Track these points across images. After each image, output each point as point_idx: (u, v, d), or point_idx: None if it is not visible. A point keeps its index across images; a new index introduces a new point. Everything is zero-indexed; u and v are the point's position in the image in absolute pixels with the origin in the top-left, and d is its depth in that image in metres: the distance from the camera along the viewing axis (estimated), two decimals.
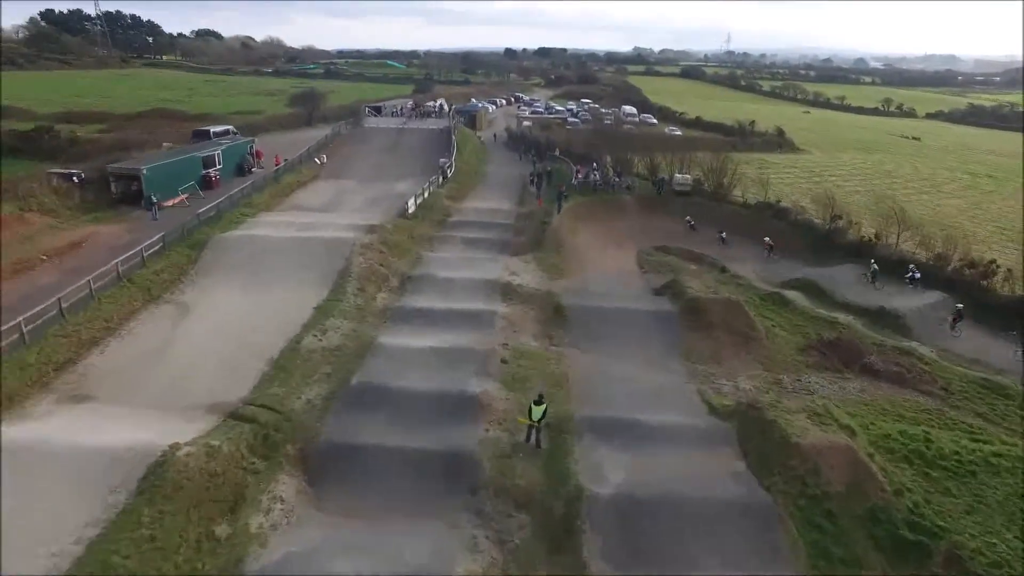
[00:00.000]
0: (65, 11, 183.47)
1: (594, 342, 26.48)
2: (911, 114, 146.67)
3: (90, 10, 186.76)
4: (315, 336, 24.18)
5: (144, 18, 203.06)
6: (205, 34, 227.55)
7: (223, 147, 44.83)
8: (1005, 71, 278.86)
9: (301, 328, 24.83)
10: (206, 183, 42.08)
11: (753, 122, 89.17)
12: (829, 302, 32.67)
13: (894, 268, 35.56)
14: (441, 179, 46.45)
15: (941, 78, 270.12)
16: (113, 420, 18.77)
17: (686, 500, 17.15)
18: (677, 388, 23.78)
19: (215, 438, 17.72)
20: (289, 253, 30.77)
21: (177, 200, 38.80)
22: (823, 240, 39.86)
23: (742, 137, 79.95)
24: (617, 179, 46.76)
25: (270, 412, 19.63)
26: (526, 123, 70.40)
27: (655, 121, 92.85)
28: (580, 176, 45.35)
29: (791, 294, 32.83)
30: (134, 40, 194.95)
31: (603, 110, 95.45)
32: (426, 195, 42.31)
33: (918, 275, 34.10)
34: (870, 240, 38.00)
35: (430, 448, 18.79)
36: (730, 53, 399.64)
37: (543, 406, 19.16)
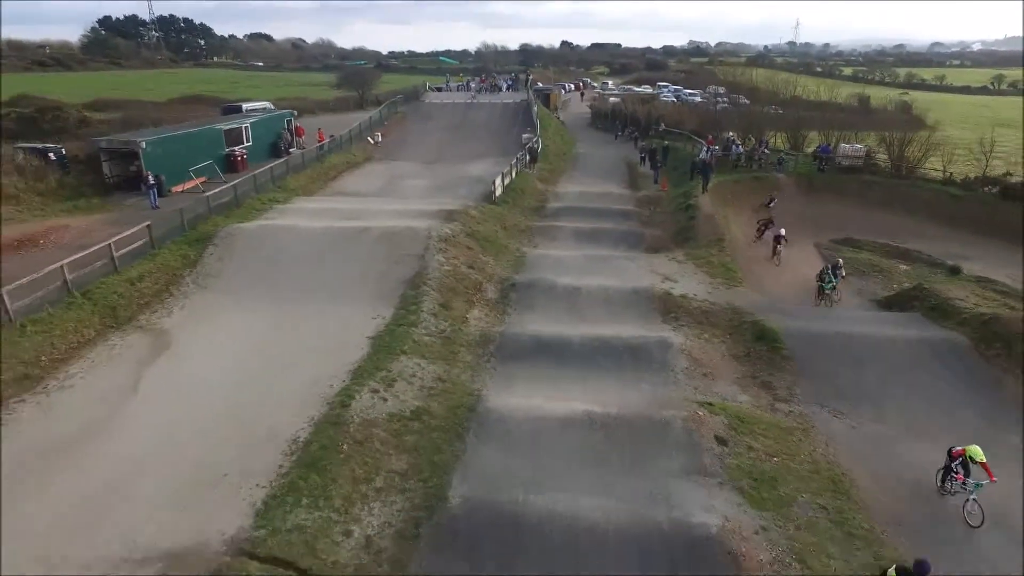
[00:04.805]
0: (121, 16, 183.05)
1: (848, 396, 15.28)
2: None
3: (145, 16, 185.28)
4: (375, 393, 13.73)
5: (197, 21, 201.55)
6: (257, 36, 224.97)
7: (253, 120, 35.27)
8: None
9: (350, 376, 14.45)
10: (230, 164, 32.53)
11: (869, 96, 75.96)
12: None
13: None
14: (528, 158, 35.86)
15: None
16: None
17: None
18: None
19: None
20: (332, 251, 20.60)
21: (190, 185, 29.30)
22: None
23: (864, 115, 66.76)
24: (766, 152, 35.05)
25: (288, 574, 9.30)
26: (613, 99, 59.23)
27: (747, 102, 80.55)
28: (715, 148, 33.95)
29: None
30: (187, 43, 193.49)
31: (687, 91, 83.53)
32: (513, 176, 31.82)
33: None
34: None
35: None
36: (792, 44, 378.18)
37: None
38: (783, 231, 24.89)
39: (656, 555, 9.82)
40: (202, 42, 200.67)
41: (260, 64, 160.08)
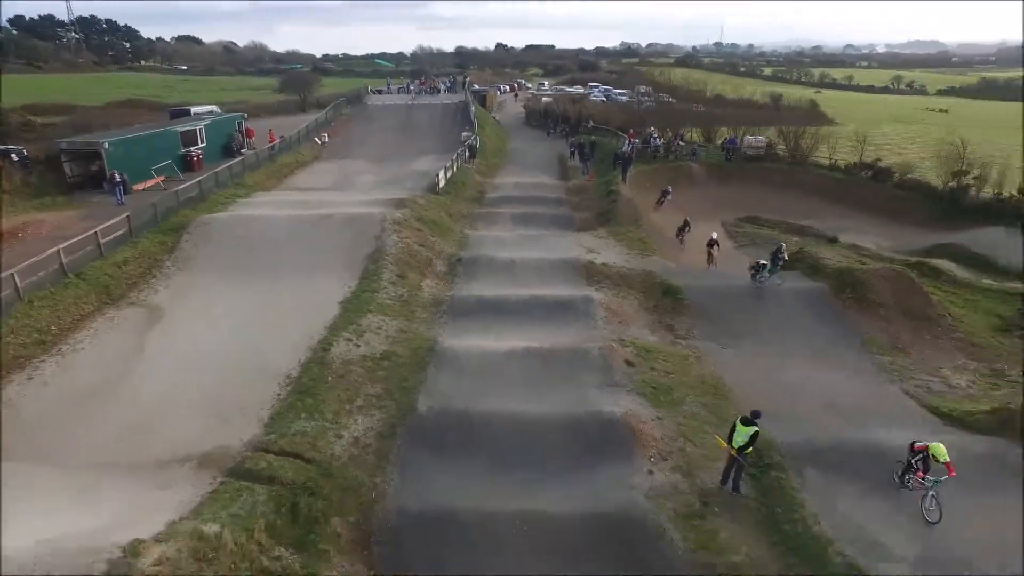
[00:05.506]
0: (36, 16, 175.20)
1: (734, 334, 19.13)
2: (922, 91, 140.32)
3: (63, 16, 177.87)
4: (349, 340, 16.65)
5: (120, 23, 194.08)
6: (185, 39, 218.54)
7: (206, 122, 37.12)
8: (999, 51, 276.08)
9: (327, 330, 17.30)
10: (187, 164, 34.31)
11: (781, 95, 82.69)
12: (995, 271, 25.53)
13: None
14: (468, 154, 38.98)
15: (935, 59, 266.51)
16: (35, 496, 11.18)
17: None
18: (878, 392, 16.55)
19: (209, 517, 10.24)
20: (298, 235, 23.22)
21: (151, 183, 31.10)
22: (944, 203, 32.64)
23: (776, 111, 72.98)
24: (681, 143, 39.41)
25: (297, 463, 12.17)
26: (545, 99, 63.03)
27: (673, 100, 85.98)
28: (635, 141, 38.01)
29: (941, 263, 25.72)
30: (111, 46, 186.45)
31: (616, 91, 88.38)
32: (454, 169, 34.86)
33: None
34: (1013, 196, 30.82)
35: (571, 511, 11.43)
36: (719, 45, 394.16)
37: (754, 428, 11.83)
38: (715, 235, 25.62)
39: (575, 434, 13.19)
40: (127, 44, 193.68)
41: (185, 68, 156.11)
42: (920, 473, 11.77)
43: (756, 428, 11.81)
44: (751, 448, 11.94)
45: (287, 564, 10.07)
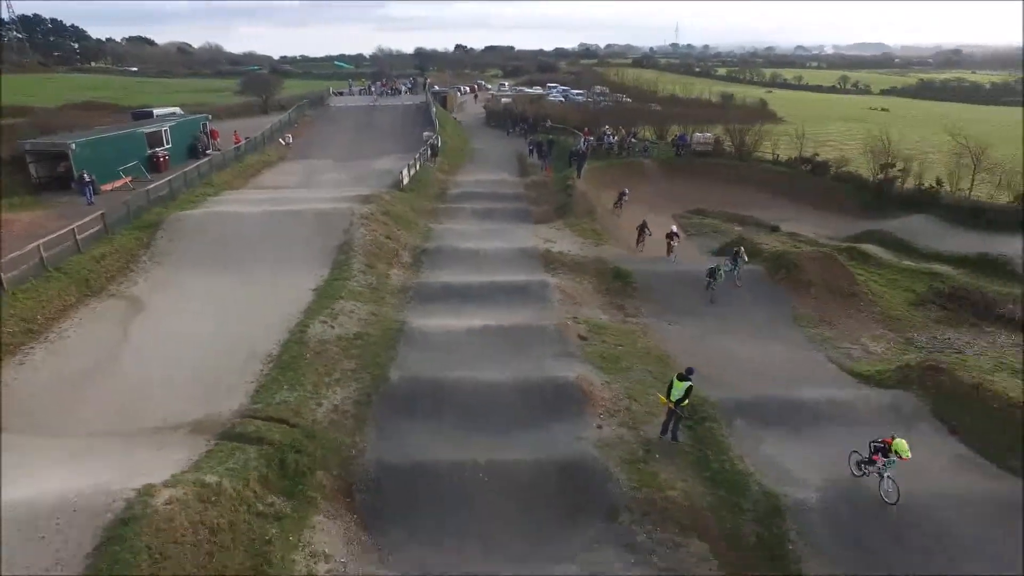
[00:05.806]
0: None
1: (679, 313, 21.02)
2: (867, 91, 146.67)
3: (3, 14, 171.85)
4: (324, 323, 17.93)
5: (67, 23, 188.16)
6: (137, 40, 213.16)
7: (171, 124, 37.70)
8: (936, 54, 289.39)
9: (303, 315, 18.55)
10: (153, 165, 35.01)
11: (732, 95, 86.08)
12: (915, 254, 28.08)
13: (966, 217, 31.12)
14: (430, 153, 40.33)
15: (879, 61, 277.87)
16: (40, 460, 12.28)
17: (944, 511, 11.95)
18: (805, 358, 18.61)
19: (208, 471, 11.52)
20: (270, 230, 24.30)
21: (119, 183, 31.73)
22: (874, 194, 35.35)
23: (724, 110, 76.09)
24: (633, 140, 41.50)
25: (282, 426, 13.46)
26: (505, 100, 64.70)
27: (629, 100, 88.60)
28: (590, 139, 39.96)
29: (868, 247, 28.13)
30: (57, 46, 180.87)
31: (574, 91, 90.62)
32: (417, 168, 36.19)
33: None
34: (932, 188, 33.58)
35: (529, 459, 13.04)
36: (675, 46, 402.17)
37: (688, 383, 13.58)
38: (675, 228, 26.87)
39: (534, 396, 14.80)
40: (75, 45, 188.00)
41: (135, 69, 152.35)
42: (876, 456, 12.24)
43: (690, 383, 13.58)
44: (687, 401, 13.70)
45: (279, 508, 11.41)
